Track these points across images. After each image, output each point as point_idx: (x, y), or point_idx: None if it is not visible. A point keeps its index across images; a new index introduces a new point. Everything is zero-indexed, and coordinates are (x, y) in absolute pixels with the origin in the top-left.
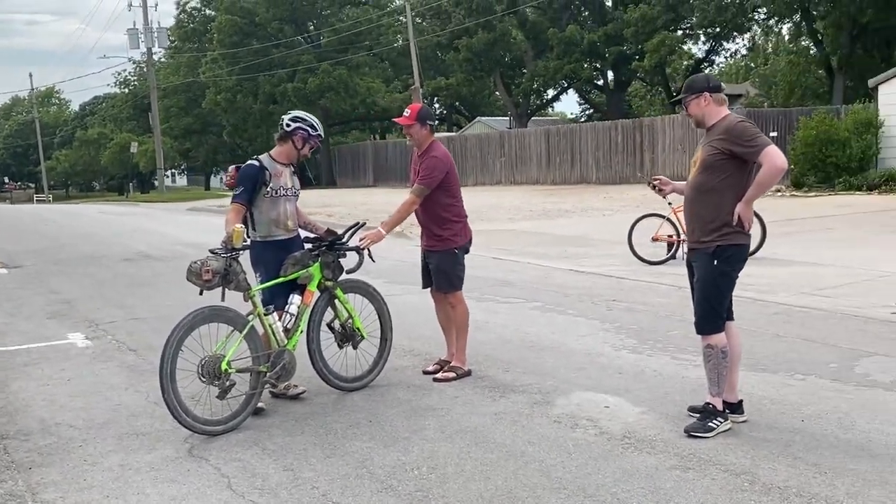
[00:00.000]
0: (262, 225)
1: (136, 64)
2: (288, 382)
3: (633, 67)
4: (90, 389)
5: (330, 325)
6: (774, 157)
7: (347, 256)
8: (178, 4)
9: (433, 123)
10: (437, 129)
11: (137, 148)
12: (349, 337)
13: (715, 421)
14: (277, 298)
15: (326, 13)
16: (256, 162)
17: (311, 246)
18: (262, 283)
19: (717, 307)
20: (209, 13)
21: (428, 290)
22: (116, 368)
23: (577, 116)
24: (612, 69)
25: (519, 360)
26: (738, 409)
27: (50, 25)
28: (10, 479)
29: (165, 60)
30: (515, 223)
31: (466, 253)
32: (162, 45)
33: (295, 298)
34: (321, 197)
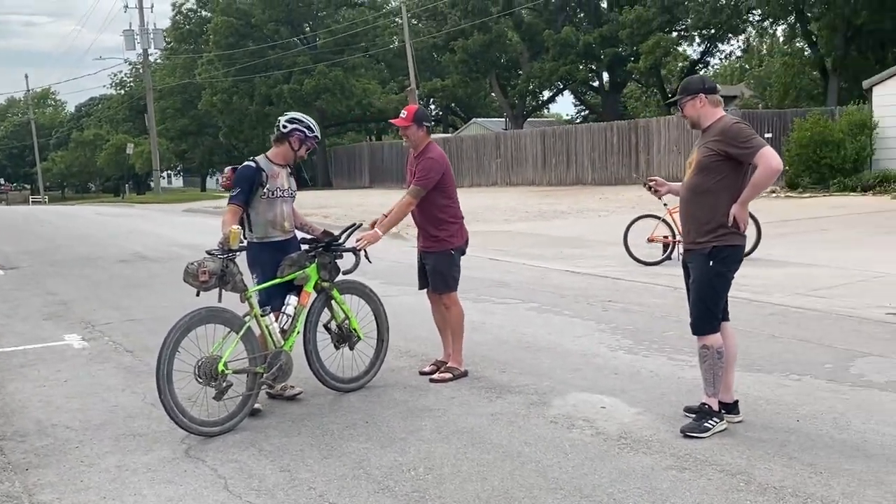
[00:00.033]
0: (258, 226)
1: (132, 65)
2: (284, 383)
3: (628, 69)
4: (87, 391)
5: (326, 325)
6: (770, 158)
7: (344, 257)
8: (174, 6)
9: (430, 125)
10: (433, 130)
11: (133, 149)
12: (346, 338)
13: (711, 421)
14: (274, 299)
15: (322, 14)
16: (253, 163)
17: (307, 247)
18: (258, 284)
19: (712, 308)
20: (205, 15)
21: (424, 291)
22: (113, 370)
23: (572, 118)
24: (607, 70)
25: (515, 360)
26: (733, 409)
27: (46, 27)
28: (6, 480)
29: (161, 62)
30: (511, 224)
31: (463, 254)
32: (158, 46)
33: (291, 299)
34: (317, 198)
